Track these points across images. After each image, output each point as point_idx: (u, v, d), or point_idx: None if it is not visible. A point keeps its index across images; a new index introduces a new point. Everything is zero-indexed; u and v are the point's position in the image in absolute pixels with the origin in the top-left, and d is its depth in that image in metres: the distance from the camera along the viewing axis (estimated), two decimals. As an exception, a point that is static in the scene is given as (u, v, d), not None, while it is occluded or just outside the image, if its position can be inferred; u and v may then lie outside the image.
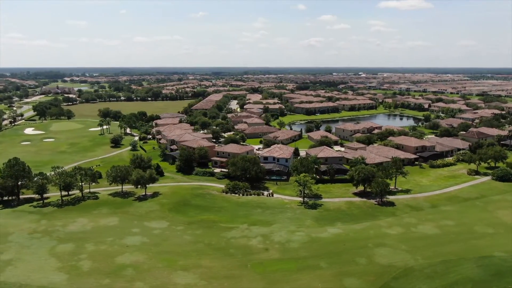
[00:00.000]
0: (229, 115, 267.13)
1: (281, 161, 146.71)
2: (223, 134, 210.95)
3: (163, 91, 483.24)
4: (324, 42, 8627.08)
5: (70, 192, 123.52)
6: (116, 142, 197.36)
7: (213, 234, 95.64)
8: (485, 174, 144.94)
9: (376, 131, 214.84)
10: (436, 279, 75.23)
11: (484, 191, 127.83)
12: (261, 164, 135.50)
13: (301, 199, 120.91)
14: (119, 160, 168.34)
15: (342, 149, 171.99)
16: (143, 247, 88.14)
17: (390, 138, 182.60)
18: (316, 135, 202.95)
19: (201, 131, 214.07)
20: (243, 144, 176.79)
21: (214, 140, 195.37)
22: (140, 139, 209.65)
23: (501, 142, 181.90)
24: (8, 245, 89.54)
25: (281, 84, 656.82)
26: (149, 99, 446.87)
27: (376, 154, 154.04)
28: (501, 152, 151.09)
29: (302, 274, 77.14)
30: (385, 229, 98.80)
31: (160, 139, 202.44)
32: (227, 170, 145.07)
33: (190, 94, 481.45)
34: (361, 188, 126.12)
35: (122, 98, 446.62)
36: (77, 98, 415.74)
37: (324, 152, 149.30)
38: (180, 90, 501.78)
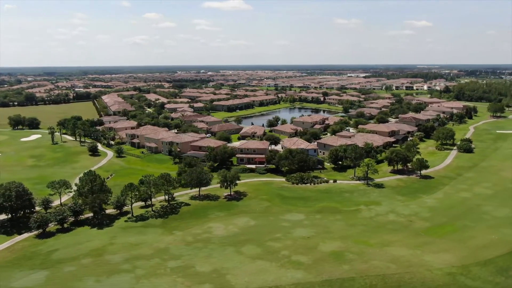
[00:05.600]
0: (174, 116, 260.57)
1: (310, 151, 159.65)
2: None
3: (37, 95, 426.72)
4: (149, 40, 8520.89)
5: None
6: (93, 151, 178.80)
7: (352, 217, 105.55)
8: (446, 149, 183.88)
9: (326, 122, 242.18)
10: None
11: (469, 160, 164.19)
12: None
13: (358, 181, 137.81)
14: (122, 169, 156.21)
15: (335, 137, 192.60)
16: (321, 236, 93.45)
17: (360, 126, 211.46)
18: (287, 128, 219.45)
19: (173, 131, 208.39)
20: (261, 140, 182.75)
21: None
22: (107, 146, 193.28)
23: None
24: (187, 258, 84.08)
25: (155, 83, 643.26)
26: (26, 103, 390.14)
27: (370, 140, 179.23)
28: (451, 132, 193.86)
29: (471, 232, 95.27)
30: (457, 194, 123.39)
31: (138, 143, 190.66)
32: (262, 165, 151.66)
33: (71, 97, 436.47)
34: (393, 167, 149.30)
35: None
36: None
37: (340, 141, 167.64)
38: (58, 93, 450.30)
